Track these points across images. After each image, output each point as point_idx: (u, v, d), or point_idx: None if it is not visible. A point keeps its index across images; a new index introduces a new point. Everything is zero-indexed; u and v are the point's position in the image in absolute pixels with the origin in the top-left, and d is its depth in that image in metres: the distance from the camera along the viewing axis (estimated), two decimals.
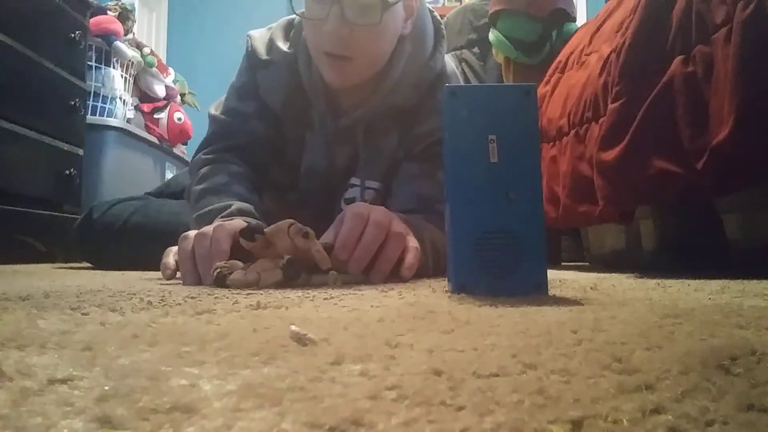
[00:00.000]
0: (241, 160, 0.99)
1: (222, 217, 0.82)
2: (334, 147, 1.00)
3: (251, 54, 1.02)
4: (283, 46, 1.00)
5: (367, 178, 1.01)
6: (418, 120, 0.98)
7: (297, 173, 1.04)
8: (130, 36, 2.52)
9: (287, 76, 0.99)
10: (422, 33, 0.97)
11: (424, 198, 0.93)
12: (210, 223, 0.77)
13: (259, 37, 1.03)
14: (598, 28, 1.26)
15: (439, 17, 1.03)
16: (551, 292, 0.56)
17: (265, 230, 0.67)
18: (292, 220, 0.67)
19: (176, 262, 0.77)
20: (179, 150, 2.87)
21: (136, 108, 2.56)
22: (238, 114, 1.03)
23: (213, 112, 1.06)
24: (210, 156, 0.99)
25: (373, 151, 0.99)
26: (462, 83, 1.27)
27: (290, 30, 1.02)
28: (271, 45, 1.01)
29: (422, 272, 0.80)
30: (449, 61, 1.05)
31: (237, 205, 0.85)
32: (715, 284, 0.68)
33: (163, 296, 0.54)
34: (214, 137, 1.03)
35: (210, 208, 0.85)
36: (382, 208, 0.75)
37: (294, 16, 1.01)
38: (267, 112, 1.02)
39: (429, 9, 1.01)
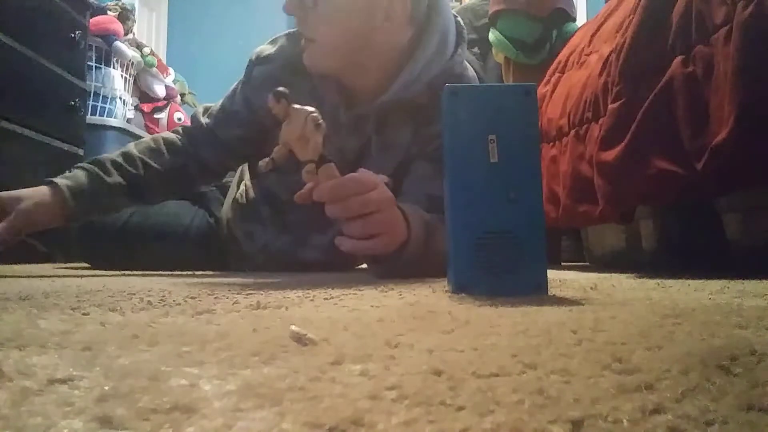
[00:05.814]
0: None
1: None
2: (344, 137, 1.00)
3: (253, 57, 1.06)
4: (286, 41, 1.04)
5: (376, 171, 1.00)
6: (433, 119, 0.97)
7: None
8: (130, 36, 2.52)
9: (284, 73, 1.00)
10: (446, 33, 0.96)
11: (434, 199, 0.92)
12: None
13: (265, 43, 1.08)
14: (598, 28, 1.26)
15: (462, 22, 1.02)
16: (551, 292, 0.56)
17: (293, 104, 0.67)
18: (314, 109, 0.67)
19: None
20: None
21: (136, 108, 2.56)
22: (212, 134, 1.08)
23: (199, 110, 1.12)
24: (168, 136, 1.10)
25: (384, 143, 0.99)
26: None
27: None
28: (274, 43, 1.05)
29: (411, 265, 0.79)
30: (469, 67, 1.04)
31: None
32: (715, 284, 0.68)
33: (163, 296, 0.54)
34: (186, 133, 1.10)
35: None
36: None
37: None
38: (251, 133, 1.06)
39: (453, 13, 1.00)
